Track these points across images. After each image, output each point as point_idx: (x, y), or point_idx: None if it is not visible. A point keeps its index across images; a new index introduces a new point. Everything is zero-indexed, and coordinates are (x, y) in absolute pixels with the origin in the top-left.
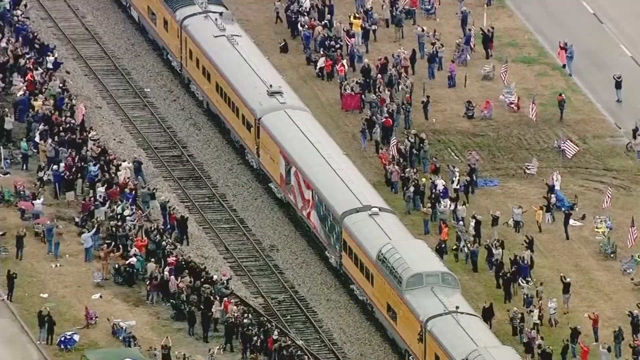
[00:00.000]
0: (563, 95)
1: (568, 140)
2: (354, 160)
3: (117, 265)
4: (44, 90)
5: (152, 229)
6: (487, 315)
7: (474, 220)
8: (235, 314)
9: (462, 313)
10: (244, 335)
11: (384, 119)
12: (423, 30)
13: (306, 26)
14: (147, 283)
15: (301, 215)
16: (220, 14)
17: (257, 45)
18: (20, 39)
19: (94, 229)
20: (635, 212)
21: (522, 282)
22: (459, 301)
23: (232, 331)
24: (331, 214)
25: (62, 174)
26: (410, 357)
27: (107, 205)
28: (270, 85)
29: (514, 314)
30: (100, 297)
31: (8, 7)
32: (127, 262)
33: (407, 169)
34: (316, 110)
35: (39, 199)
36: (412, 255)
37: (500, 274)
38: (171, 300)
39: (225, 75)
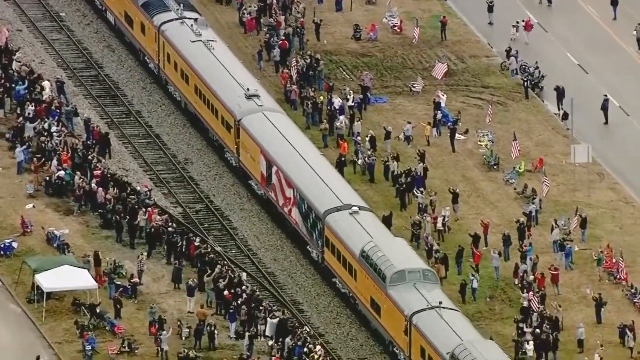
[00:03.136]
0: (446, 17)
1: (439, 63)
2: (258, 80)
3: (47, 178)
4: None
5: (77, 144)
6: (387, 222)
7: (369, 135)
8: (159, 223)
9: (444, 308)
10: (169, 242)
11: (280, 41)
12: None
13: None
14: (72, 194)
15: (282, 211)
16: (195, 20)
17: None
18: None
19: (25, 144)
20: (513, 126)
21: (417, 192)
22: (440, 296)
23: (156, 238)
24: (313, 212)
25: None
26: (394, 349)
27: (36, 122)
28: (248, 89)
29: (414, 221)
30: (34, 207)
31: None
32: (56, 174)
33: (305, 88)
34: (218, 32)
35: None
36: (394, 253)
37: (397, 185)
38: (99, 210)
39: (204, 79)
